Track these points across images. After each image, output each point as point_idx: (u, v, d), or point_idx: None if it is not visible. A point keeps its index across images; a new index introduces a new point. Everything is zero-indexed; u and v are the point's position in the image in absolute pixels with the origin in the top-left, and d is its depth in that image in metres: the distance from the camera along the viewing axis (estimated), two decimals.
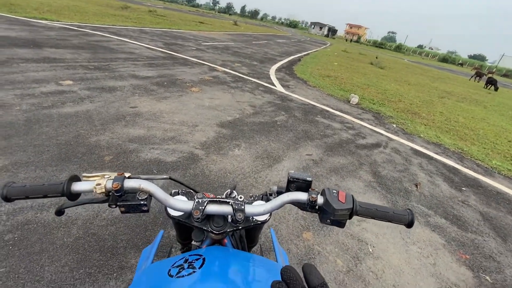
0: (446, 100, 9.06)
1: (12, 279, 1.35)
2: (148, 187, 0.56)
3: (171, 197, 0.59)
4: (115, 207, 0.57)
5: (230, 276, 0.54)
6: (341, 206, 0.55)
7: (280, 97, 5.22)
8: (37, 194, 0.53)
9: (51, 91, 3.51)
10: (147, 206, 0.58)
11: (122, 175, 0.56)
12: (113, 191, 0.54)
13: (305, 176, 0.62)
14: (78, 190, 0.54)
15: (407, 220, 0.57)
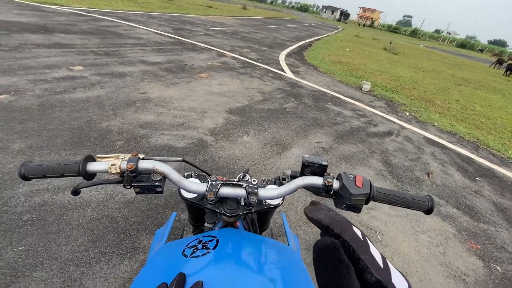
0: (462, 87, 8.71)
1: (32, 256, 1.42)
2: (162, 168, 0.56)
3: (185, 179, 0.59)
4: (129, 187, 0.58)
5: (243, 258, 0.54)
6: (358, 191, 0.54)
7: (289, 83, 5.13)
8: (54, 173, 0.54)
9: (63, 76, 3.54)
10: (161, 187, 0.58)
11: (136, 156, 0.55)
12: (128, 171, 0.54)
13: (320, 160, 0.60)
14: (93, 170, 0.54)
15: (426, 206, 0.55)
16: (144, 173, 0.58)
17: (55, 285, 1.31)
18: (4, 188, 1.77)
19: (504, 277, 1.90)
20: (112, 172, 0.54)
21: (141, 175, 0.57)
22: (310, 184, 0.59)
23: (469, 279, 1.83)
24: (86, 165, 0.54)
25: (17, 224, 1.57)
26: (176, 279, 0.41)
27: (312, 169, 0.61)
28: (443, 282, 1.77)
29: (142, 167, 0.55)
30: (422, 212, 0.56)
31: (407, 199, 0.56)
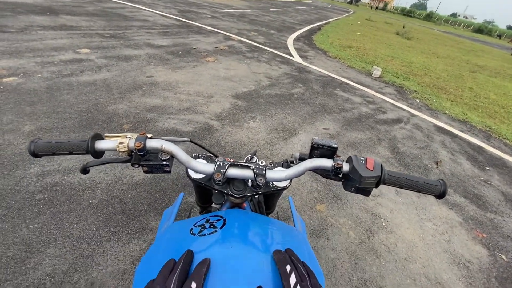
0: (477, 74, 8.39)
1: (45, 234, 1.47)
2: (170, 148, 0.55)
3: (192, 159, 0.58)
4: (138, 166, 0.58)
5: (250, 237, 0.55)
6: (368, 174, 0.53)
7: (297, 68, 5.02)
8: (63, 150, 0.54)
9: (70, 59, 3.54)
10: (169, 166, 0.58)
11: (144, 135, 0.55)
12: (136, 150, 0.54)
13: (330, 142, 0.59)
14: (101, 148, 0.54)
15: (439, 190, 0.54)
16: (152, 152, 0.57)
17: (68, 261, 1.37)
18: (16, 168, 1.82)
19: (508, 266, 1.90)
20: (120, 150, 0.53)
21: (149, 154, 0.57)
22: (319, 166, 0.58)
23: (473, 267, 1.84)
24: (94, 143, 0.54)
25: (30, 203, 1.62)
26: (184, 256, 0.41)
27: (321, 152, 0.60)
28: (446, 268, 1.78)
29: (150, 146, 0.55)
30: (434, 196, 0.55)
31: (419, 182, 0.55)
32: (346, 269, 1.63)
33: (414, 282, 1.65)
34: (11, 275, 1.27)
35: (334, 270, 1.60)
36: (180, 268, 0.39)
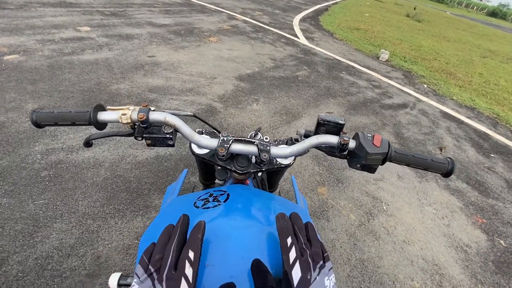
0: (488, 60, 8.13)
1: (51, 209, 1.50)
2: (173, 121, 0.54)
3: (196, 133, 0.57)
4: (141, 139, 0.57)
5: (253, 211, 0.55)
6: (375, 150, 0.52)
7: (303, 50, 4.89)
8: (65, 121, 0.53)
9: (70, 37, 3.46)
10: (172, 140, 0.57)
11: (147, 107, 0.54)
12: (139, 122, 0.53)
13: (337, 119, 0.57)
14: (104, 119, 0.53)
15: (446, 169, 0.53)
16: (155, 125, 0.57)
17: (75, 236, 1.41)
18: (21, 146, 1.83)
19: (506, 251, 1.93)
20: (123, 121, 0.53)
21: (152, 127, 0.56)
22: (324, 142, 0.57)
23: (471, 251, 1.87)
24: (96, 114, 0.53)
25: (35, 179, 1.64)
26: (180, 220, 0.40)
27: (327, 128, 0.59)
28: (444, 251, 1.81)
29: (153, 118, 0.54)
30: (441, 174, 0.54)
31: (427, 160, 0.54)
32: (345, 249, 1.66)
33: (411, 263, 1.68)
34: (20, 247, 1.31)
35: (334, 250, 1.64)
36: (178, 234, 0.38)
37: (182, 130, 0.55)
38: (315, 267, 0.38)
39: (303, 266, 0.38)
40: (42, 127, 0.55)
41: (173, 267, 0.34)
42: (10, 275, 1.21)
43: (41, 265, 1.27)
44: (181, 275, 0.34)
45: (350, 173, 2.26)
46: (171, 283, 0.33)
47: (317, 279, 0.37)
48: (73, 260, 1.31)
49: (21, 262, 1.26)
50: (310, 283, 0.36)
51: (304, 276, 0.37)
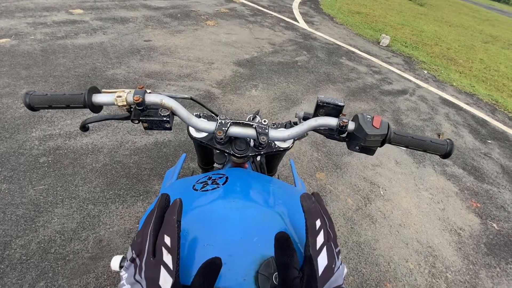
0: (489, 45, 8.01)
1: (52, 195, 1.51)
2: (170, 103, 0.54)
3: (193, 116, 0.57)
4: (137, 122, 0.57)
5: (252, 193, 0.55)
6: (374, 132, 0.52)
7: (302, 34, 4.78)
8: (60, 103, 0.52)
9: (63, 20, 3.36)
10: (169, 123, 0.57)
11: (142, 89, 0.53)
12: (135, 104, 0.52)
13: (336, 100, 0.57)
14: (99, 101, 0.53)
15: (445, 150, 0.53)
16: (152, 108, 0.56)
17: (76, 220, 1.43)
18: (17, 132, 1.82)
19: (498, 233, 1.98)
20: (118, 104, 0.52)
21: (148, 109, 0.56)
22: (323, 125, 0.57)
23: (464, 233, 1.91)
24: (91, 96, 0.52)
25: (34, 165, 1.64)
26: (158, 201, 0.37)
27: (326, 110, 0.58)
28: (438, 234, 1.86)
29: (149, 100, 0.53)
30: (439, 156, 0.55)
31: (425, 142, 0.54)
32: (342, 232, 1.70)
33: (406, 245, 1.73)
34: (22, 232, 1.33)
35: None
36: (154, 216, 0.34)
37: (179, 113, 0.54)
38: (336, 253, 0.37)
39: (329, 252, 0.36)
40: (36, 110, 0.54)
41: (151, 253, 0.32)
42: (13, 258, 1.23)
43: (44, 248, 1.30)
44: (160, 263, 0.31)
45: (348, 159, 2.27)
46: (150, 272, 0.30)
47: (340, 268, 0.36)
48: (76, 244, 1.34)
49: (24, 246, 1.29)
50: (334, 272, 0.35)
51: (329, 263, 0.35)
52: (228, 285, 0.38)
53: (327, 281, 0.33)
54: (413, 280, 1.56)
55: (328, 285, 0.33)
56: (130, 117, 0.56)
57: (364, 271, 1.54)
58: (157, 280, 0.30)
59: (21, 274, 1.19)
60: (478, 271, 1.70)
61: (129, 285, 0.31)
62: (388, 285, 1.50)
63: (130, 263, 0.33)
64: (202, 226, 0.45)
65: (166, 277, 0.30)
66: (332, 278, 0.34)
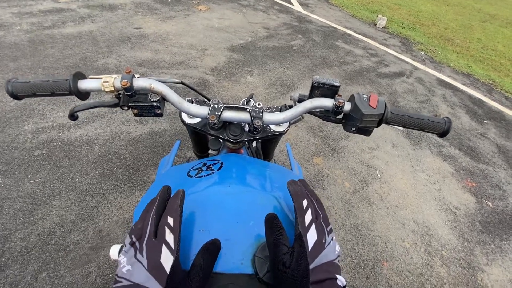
0: (487, 24, 7.89)
1: (48, 187, 1.50)
2: (159, 88, 0.52)
3: (185, 101, 0.55)
4: (127, 109, 0.55)
5: (247, 178, 0.55)
6: (370, 111, 0.51)
7: (297, 18, 4.66)
8: (44, 91, 0.50)
9: (49, 9, 3.24)
10: (160, 108, 0.55)
11: (130, 73, 0.51)
12: (123, 89, 0.50)
13: (332, 81, 0.55)
14: (85, 88, 0.51)
15: (442, 128, 0.53)
16: (141, 93, 0.54)
17: (75, 212, 1.43)
18: (9, 125, 1.78)
19: (493, 212, 2.02)
20: (105, 89, 0.50)
21: (137, 95, 0.54)
22: (319, 106, 0.55)
23: (459, 212, 1.95)
24: (77, 83, 0.50)
25: (29, 159, 1.62)
26: (160, 192, 0.39)
27: (322, 91, 0.57)
28: (434, 214, 1.89)
29: (138, 85, 0.51)
30: (437, 134, 0.54)
31: (423, 120, 0.53)
32: (340, 215, 1.72)
33: (403, 226, 1.76)
34: (21, 225, 1.33)
35: (329, 216, 1.70)
36: (157, 203, 0.36)
37: (169, 97, 0.52)
38: (327, 231, 0.38)
39: (318, 229, 0.37)
40: (20, 98, 0.52)
41: (153, 234, 0.33)
42: (14, 250, 1.24)
43: (44, 240, 1.30)
44: (162, 241, 0.32)
45: (345, 143, 2.27)
46: (151, 251, 0.31)
47: (331, 243, 0.37)
48: (76, 235, 1.35)
49: (24, 239, 1.29)
50: (324, 247, 0.35)
51: (319, 239, 0.36)
52: (226, 269, 0.38)
53: (317, 255, 0.34)
54: (409, 259, 1.60)
55: (319, 259, 0.34)
56: (119, 104, 0.55)
57: (361, 251, 1.57)
58: (158, 257, 0.31)
59: (23, 266, 1.20)
60: (473, 248, 1.74)
61: (129, 266, 0.31)
62: (385, 264, 1.54)
63: (129, 247, 0.33)
64: (197, 212, 0.44)
65: (167, 255, 0.31)
66: (322, 252, 0.35)
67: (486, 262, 1.68)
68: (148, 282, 0.30)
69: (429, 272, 1.56)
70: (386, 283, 1.46)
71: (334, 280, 0.34)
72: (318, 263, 0.34)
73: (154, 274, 0.30)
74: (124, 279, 0.31)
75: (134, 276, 0.30)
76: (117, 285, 0.31)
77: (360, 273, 1.48)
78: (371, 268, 1.51)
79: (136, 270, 0.31)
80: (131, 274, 0.30)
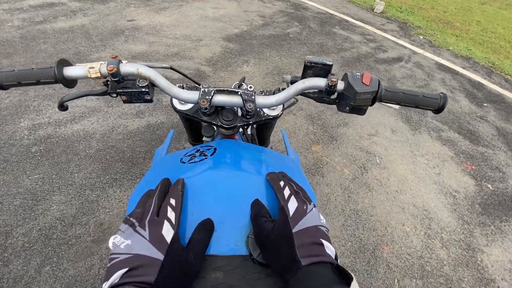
0: (487, 6, 7.73)
1: (48, 183, 1.50)
2: (147, 72, 0.51)
3: (174, 86, 0.54)
4: (115, 96, 0.54)
5: (241, 162, 0.54)
6: (364, 89, 0.49)
7: (293, 5, 4.57)
8: (29, 80, 0.49)
9: (39, 3, 3.17)
10: (149, 94, 0.54)
11: (116, 58, 0.50)
12: (110, 75, 0.49)
13: (324, 60, 0.54)
14: (71, 75, 0.49)
15: (438, 104, 0.52)
16: (129, 79, 0.53)
17: (75, 206, 1.43)
18: (5, 122, 1.77)
19: (493, 194, 2.02)
20: (92, 76, 0.49)
21: (125, 81, 0.53)
22: (311, 86, 0.54)
23: (459, 195, 1.96)
24: (62, 70, 0.49)
25: (27, 155, 1.62)
26: (160, 182, 0.41)
27: (314, 71, 0.55)
28: (433, 198, 1.90)
29: (125, 70, 0.50)
30: (432, 111, 0.53)
31: (418, 97, 0.52)
32: (339, 201, 1.73)
33: (402, 210, 1.77)
34: (22, 221, 1.34)
35: (328, 203, 1.70)
36: (159, 190, 0.39)
37: (157, 82, 0.51)
38: (308, 203, 0.39)
39: (298, 198, 0.39)
40: (5, 88, 0.51)
41: (155, 213, 0.35)
42: (16, 246, 1.25)
43: (46, 235, 1.31)
44: (164, 218, 0.34)
45: (344, 130, 2.26)
46: (153, 226, 0.33)
47: (313, 210, 0.38)
48: (77, 229, 1.35)
49: (26, 234, 1.30)
50: (306, 212, 0.36)
51: (300, 206, 0.37)
52: (221, 251, 0.38)
53: (299, 219, 0.35)
54: (409, 242, 1.61)
55: (302, 223, 0.35)
56: (108, 91, 0.54)
57: (362, 236, 1.58)
58: (160, 230, 0.32)
59: (26, 261, 1.21)
60: (472, 230, 1.76)
61: (128, 241, 0.32)
62: (385, 248, 1.56)
63: (127, 227, 0.34)
64: (191, 197, 0.44)
65: (169, 229, 0.33)
66: (305, 217, 0.36)
67: (486, 243, 1.70)
68: (150, 251, 0.31)
69: (429, 255, 1.58)
70: (386, 266, 1.48)
71: (321, 245, 0.34)
72: (302, 226, 0.35)
73: (155, 244, 0.31)
74: (121, 254, 0.31)
75: (134, 248, 0.31)
76: (114, 261, 0.31)
77: (360, 257, 1.49)
78: (372, 252, 1.52)
79: (137, 242, 0.32)
80: (131, 247, 0.31)
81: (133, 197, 0.53)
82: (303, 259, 0.31)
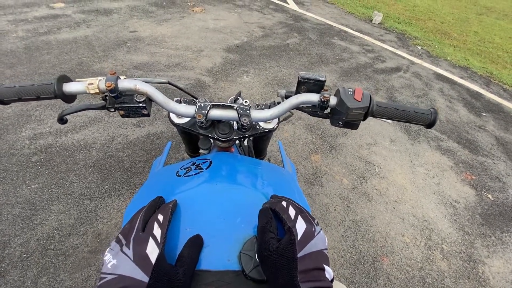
0: (484, 17, 7.86)
1: (47, 192, 1.51)
2: (144, 88, 0.52)
3: (171, 101, 0.55)
4: (114, 110, 0.55)
5: (237, 176, 0.55)
6: (356, 105, 0.51)
7: (293, 16, 4.66)
8: (29, 95, 0.51)
9: (44, 15, 3.25)
10: (147, 109, 0.55)
11: (114, 75, 0.51)
12: (108, 91, 0.51)
13: (317, 76, 0.55)
14: (70, 91, 0.51)
15: (429, 119, 0.53)
16: (127, 94, 0.54)
17: (73, 216, 1.43)
18: (7, 132, 1.79)
19: (493, 204, 2.01)
20: (90, 91, 0.50)
21: (123, 96, 0.54)
22: (305, 101, 0.55)
23: (459, 206, 1.94)
24: (61, 86, 0.50)
25: (27, 165, 1.63)
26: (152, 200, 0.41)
27: (308, 87, 0.57)
28: (433, 208, 1.89)
29: (123, 86, 0.51)
30: (423, 126, 0.54)
31: (409, 112, 0.53)
32: (339, 212, 1.72)
33: (402, 220, 1.76)
34: (20, 230, 1.34)
35: (328, 213, 1.70)
36: (148, 206, 0.39)
37: (155, 98, 0.53)
38: (315, 223, 0.38)
39: (306, 219, 0.37)
40: (6, 103, 0.52)
41: (140, 229, 0.34)
42: (14, 256, 1.25)
43: (44, 245, 1.31)
44: (149, 235, 0.33)
45: (343, 140, 2.27)
46: (137, 245, 0.32)
47: (320, 233, 0.37)
48: (75, 239, 1.35)
49: (23, 244, 1.29)
50: (314, 235, 0.36)
51: (308, 228, 0.36)
52: (213, 267, 0.39)
53: (307, 243, 0.34)
54: (409, 253, 1.59)
55: (309, 247, 0.34)
56: (106, 106, 0.55)
57: (361, 247, 1.57)
58: (144, 249, 0.32)
59: (23, 272, 1.21)
60: (473, 241, 1.74)
61: (114, 260, 0.32)
62: (385, 259, 1.54)
63: (115, 244, 0.34)
64: (184, 211, 0.44)
65: (153, 247, 0.32)
66: (312, 241, 0.35)
67: (487, 255, 1.68)
68: (134, 273, 0.30)
69: (430, 266, 1.56)
70: (386, 278, 1.46)
71: (322, 270, 0.34)
72: (308, 251, 0.34)
73: (139, 264, 0.31)
74: (108, 274, 0.31)
75: (119, 268, 0.31)
76: (102, 282, 0.31)
77: (360, 269, 1.48)
78: (371, 264, 1.51)
79: (122, 262, 0.31)
80: (116, 267, 0.31)
81: (128, 210, 0.53)
82: (303, 284, 0.31)
